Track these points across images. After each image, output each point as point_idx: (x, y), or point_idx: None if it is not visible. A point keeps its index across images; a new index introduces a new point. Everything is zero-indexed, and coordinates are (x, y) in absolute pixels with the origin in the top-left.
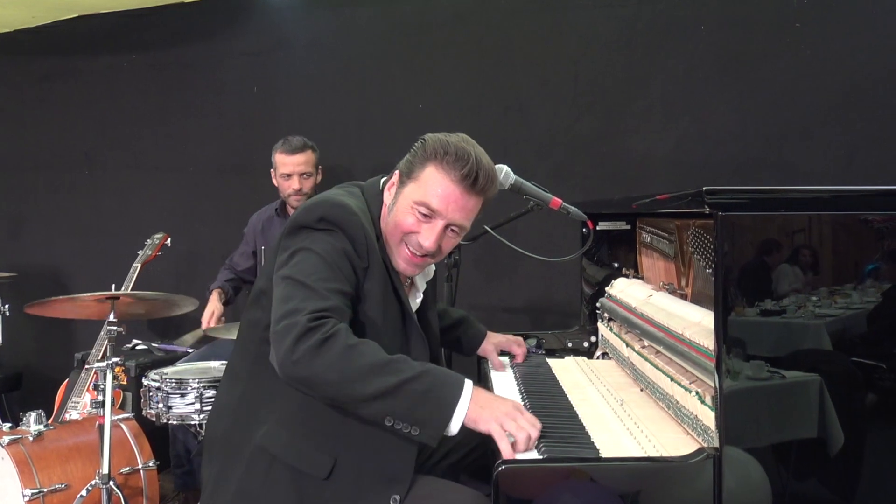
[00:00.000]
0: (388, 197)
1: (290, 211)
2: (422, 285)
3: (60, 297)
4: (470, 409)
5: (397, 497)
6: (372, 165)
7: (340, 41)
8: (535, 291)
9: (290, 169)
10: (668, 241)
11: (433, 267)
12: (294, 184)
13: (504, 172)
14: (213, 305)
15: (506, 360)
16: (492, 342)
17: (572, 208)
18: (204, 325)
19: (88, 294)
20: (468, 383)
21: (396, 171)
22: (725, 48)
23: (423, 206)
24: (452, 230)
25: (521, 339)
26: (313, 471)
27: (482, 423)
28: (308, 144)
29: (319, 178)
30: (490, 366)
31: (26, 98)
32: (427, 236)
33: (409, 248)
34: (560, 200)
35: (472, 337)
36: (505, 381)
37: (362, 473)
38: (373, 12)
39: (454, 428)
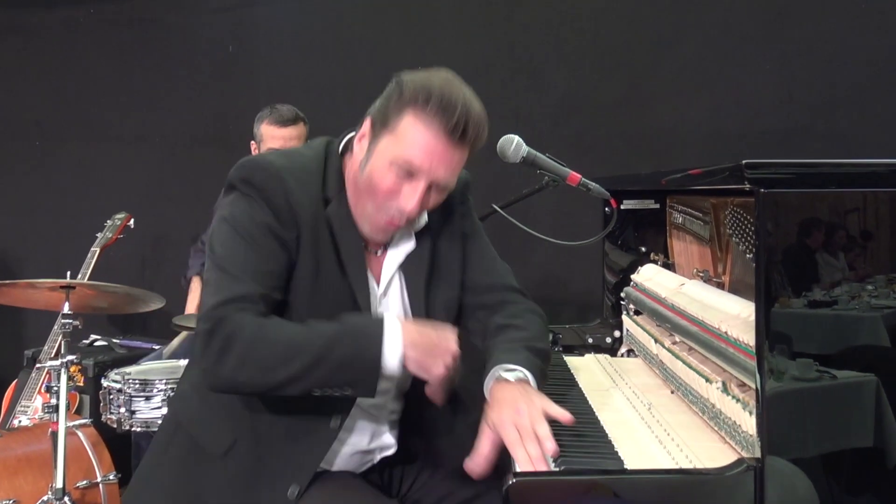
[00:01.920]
0: (358, 150)
1: None
2: (398, 256)
3: (6, 281)
4: (406, 350)
5: (296, 489)
6: None
7: None
8: (549, 280)
9: (281, 143)
10: (702, 222)
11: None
12: None
13: (515, 143)
14: (197, 296)
15: None
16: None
17: (593, 184)
18: None
19: (40, 280)
20: (389, 329)
21: (368, 119)
22: (767, 1)
23: (402, 164)
24: (436, 188)
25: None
26: (209, 446)
27: (427, 368)
28: (300, 116)
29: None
30: None
31: None
32: (408, 199)
33: (389, 215)
34: (579, 175)
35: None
36: None
37: (262, 458)
38: None
39: (391, 370)
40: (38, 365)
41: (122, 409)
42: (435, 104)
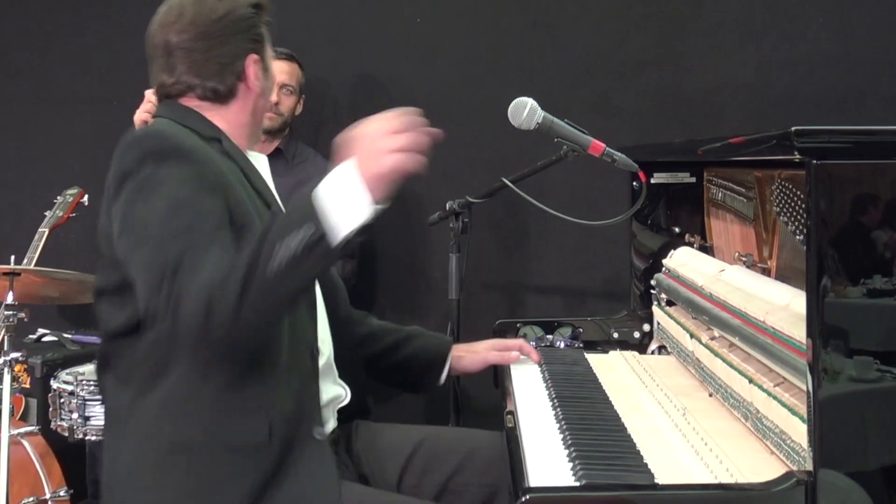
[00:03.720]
0: (256, 81)
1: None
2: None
3: None
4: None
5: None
6: (353, 95)
7: None
8: (568, 266)
9: (286, 78)
10: (745, 198)
11: None
12: (273, 96)
13: (528, 108)
14: None
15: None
16: (478, 346)
17: (619, 155)
18: None
19: None
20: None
21: (252, 57)
22: None
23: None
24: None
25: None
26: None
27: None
28: (296, 58)
29: (301, 108)
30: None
31: None
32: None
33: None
34: (603, 145)
35: (428, 348)
36: (528, 384)
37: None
38: None
39: (364, 212)
40: None
41: (75, 415)
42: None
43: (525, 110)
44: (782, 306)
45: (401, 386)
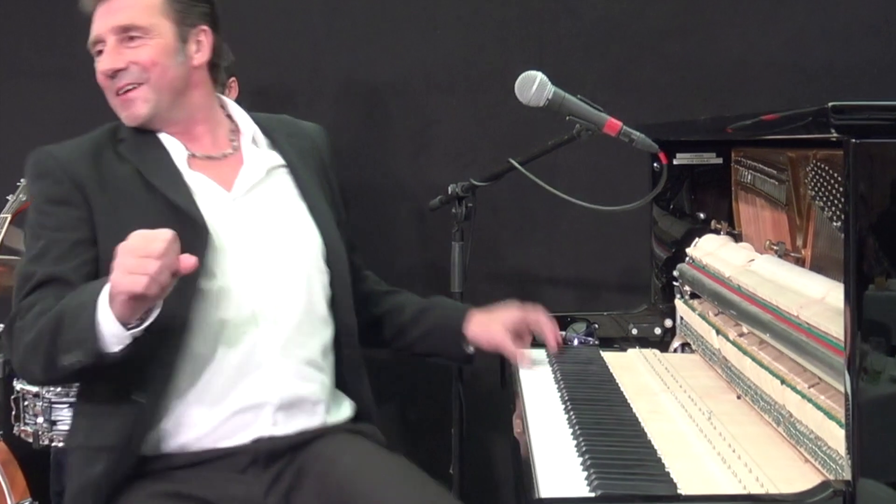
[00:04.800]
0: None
1: None
2: (257, 170)
3: None
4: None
5: None
6: (350, 64)
7: None
8: (583, 255)
9: None
10: (777, 181)
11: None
12: None
13: (537, 82)
14: None
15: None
16: (494, 323)
17: (637, 134)
18: None
19: None
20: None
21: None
22: None
23: (93, 47)
24: (130, 37)
25: (544, 314)
26: None
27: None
28: None
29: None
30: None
31: None
32: (102, 64)
33: (112, 94)
34: (619, 123)
35: (444, 322)
36: (538, 385)
37: None
38: None
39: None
40: None
41: (40, 419)
42: None
43: (534, 85)
44: (818, 299)
45: (436, 359)
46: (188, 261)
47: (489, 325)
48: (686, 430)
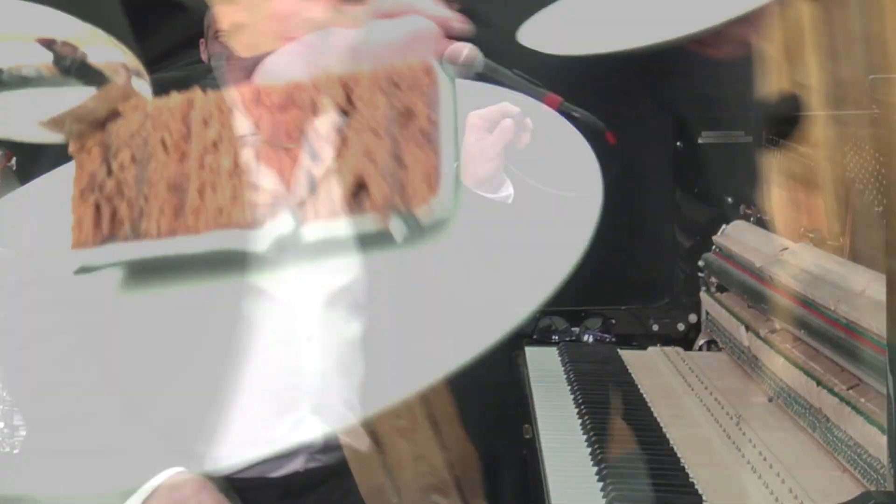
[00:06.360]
0: None
1: None
2: None
3: None
4: None
5: None
6: None
7: None
8: (598, 242)
9: None
10: (813, 161)
11: None
12: None
13: (465, 54)
14: None
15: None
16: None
17: (580, 111)
18: None
19: None
20: None
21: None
22: None
23: None
24: None
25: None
26: None
27: None
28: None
29: None
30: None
31: None
32: None
33: None
34: (558, 97)
35: None
36: (550, 387)
37: None
38: None
39: None
40: None
41: (1, 424)
42: None
43: (460, 57)
44: (857, 292)
45: None
46: None
47: None
48: (711, 435)
